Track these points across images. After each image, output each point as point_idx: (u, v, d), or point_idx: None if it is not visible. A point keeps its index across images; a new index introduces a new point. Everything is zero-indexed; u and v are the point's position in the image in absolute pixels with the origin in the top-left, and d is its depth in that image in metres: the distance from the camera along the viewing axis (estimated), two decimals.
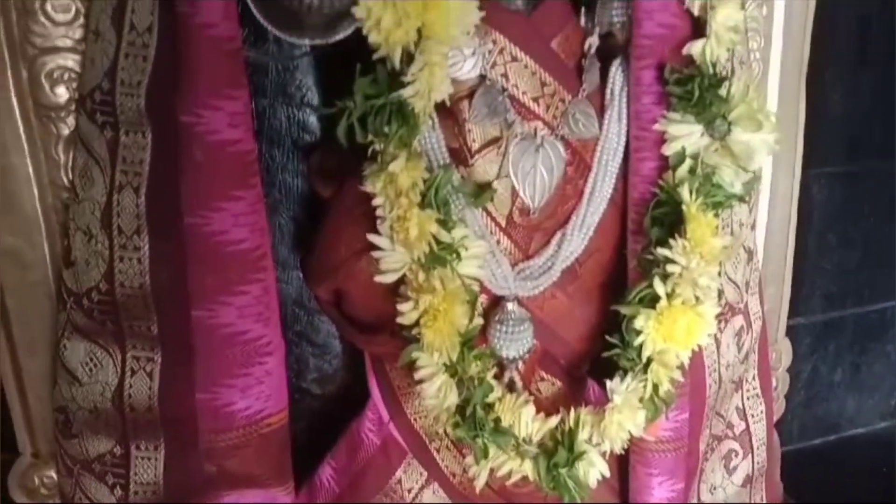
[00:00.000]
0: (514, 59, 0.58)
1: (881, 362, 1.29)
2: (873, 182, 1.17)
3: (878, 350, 1.29)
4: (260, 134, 0.64)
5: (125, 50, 0.55)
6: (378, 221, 0.56)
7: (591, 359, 0.66)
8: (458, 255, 0.56)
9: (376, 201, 0.55)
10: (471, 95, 0.58)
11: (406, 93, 0.52)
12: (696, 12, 0.58)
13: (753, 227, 0.75)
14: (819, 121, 0.93)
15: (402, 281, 0.57)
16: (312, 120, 0.66)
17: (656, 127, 0.59)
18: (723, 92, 0.57)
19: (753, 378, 0.78)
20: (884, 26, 1.09)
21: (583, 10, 0.63)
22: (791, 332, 0.94)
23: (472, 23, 0.52)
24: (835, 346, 1.26)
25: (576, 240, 0.62)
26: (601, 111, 0.61)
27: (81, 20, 0.60)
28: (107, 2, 0.57)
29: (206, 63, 0.52)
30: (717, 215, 0.60)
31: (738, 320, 0.72)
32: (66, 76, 0.61)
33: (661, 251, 0.58)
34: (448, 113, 0.58)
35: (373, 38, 0.51)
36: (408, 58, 0.52)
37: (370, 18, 0.50)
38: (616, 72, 0.61)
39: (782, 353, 0.91)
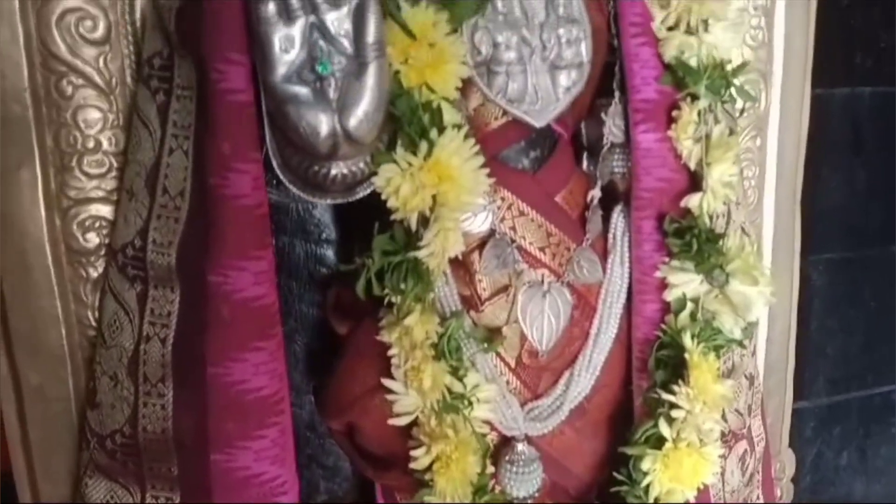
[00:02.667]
0: (522, 213, 0.61)
1: (887, 445, 1.29)
2: (873, 268, 1.20)
3: (883, 433, 1.28)
4: (279, 267, 0.67)
5: (157, 212, 0.59)
6: (392, 367, 0.59)
7: (600, 484, 0.68)
8: (471, 403, 0.58)
9: (391, 351, 0.58)
10: (481, 247, 0.61)
11: (421, 253, 0.55)
12: (692, 167, 0.62)
13: (754, 353, 0.77)
14: (819, 209, 0.96)
15: (415, 421, 0.59)
16: (330, 255, 0.68)
17: (657, 274, 0.62)
18: (720, 245, 0.60)
19: (758, 498, 0.78)
20: (877, 120, 1.14)
21: (585, 154, 0.67)
22: (795, 416, 0.95)
23: (482, 191, 0.55)
24: (840, 430, 1.26)
25: (584, 379, 0.64)
26: (604, 256, 0.64)
27: (114, 173, 0.64)
28: (141, 166, 0.60)
29: (235, 229, 0.55)
30: (718, 357, 0.62)
31: (742, 445, 0.73)
32: (97, 224, 0.64)
33: (667, 396, 0.61)
34: (459, 264, 0.60)
35: (391, 204, 0.54)
36: (423, 220, 0.55)
37: (389, 186, 0.54)
38: (617, 219, 0.64)
39: (786, 464, 0.92)
